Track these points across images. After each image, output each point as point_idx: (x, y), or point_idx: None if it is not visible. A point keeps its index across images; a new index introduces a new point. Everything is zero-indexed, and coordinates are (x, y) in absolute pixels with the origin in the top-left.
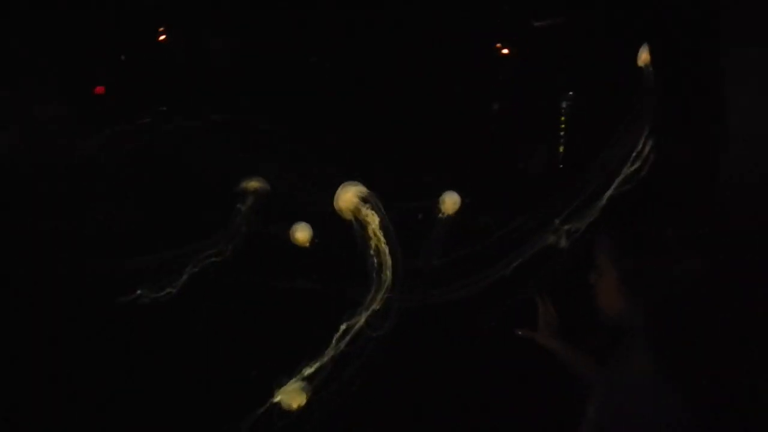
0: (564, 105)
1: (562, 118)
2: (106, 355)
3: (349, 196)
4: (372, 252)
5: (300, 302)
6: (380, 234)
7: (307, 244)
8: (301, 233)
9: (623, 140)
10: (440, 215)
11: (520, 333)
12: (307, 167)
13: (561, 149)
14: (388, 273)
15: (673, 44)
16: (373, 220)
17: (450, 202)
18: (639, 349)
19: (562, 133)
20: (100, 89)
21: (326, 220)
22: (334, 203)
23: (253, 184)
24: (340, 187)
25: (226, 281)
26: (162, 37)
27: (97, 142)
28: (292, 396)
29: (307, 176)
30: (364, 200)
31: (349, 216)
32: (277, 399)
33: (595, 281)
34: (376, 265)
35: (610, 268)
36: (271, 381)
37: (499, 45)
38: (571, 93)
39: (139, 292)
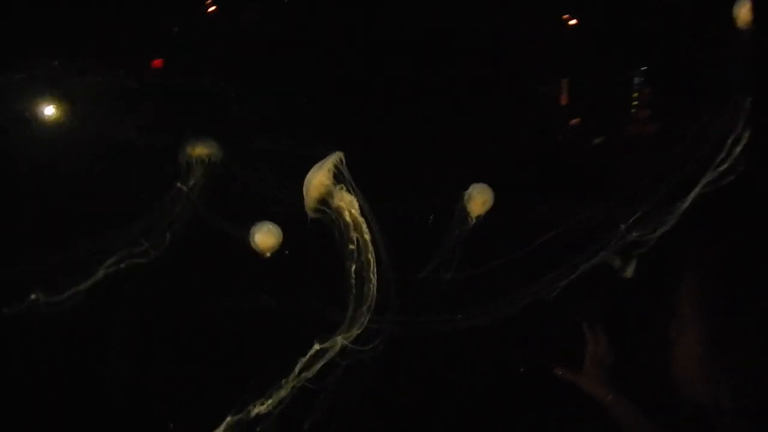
0: (636, 80)
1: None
2: None
3: (321, 179)
4: (355, 257)
5: (255, 321)
6: (365, 229)
7: (268, 254)
8: (263, 238)
9: (714, 124)
10: (469, 218)
11: (560, 374)
12: (278, 146)
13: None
14: (373, 285)
15: None
16: (351, 204)
17: (480, 199)
18: None
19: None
20: (158, 62)
21: (300, 217)
22: (304, 192)
23: (200, 151)
24: (312, 170)
25: (154, 291)
26: None
27: None
28: None
29: (278, 158)
30: (339, 179)
31: (317, 207)
32: None
33: (675, 337)
34: (354, 274)
35: (697, 323)
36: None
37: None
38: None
39: (32, 296)
